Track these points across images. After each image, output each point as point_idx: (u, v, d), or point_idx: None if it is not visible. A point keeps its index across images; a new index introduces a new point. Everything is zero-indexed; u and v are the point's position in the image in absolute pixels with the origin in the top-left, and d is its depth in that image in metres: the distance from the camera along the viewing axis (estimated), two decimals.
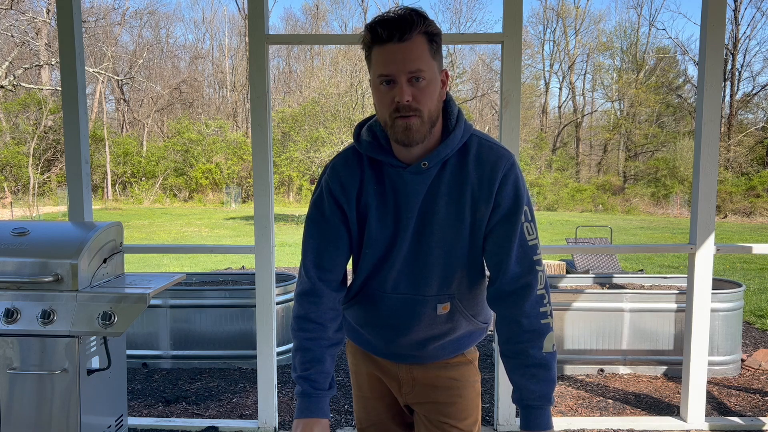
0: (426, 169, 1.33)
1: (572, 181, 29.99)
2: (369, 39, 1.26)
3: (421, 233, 1.37)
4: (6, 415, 2.27)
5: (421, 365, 1.53)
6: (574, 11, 33.93)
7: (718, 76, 3.05)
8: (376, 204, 1.38)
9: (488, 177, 1.33)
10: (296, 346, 1.41)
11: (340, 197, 1.40)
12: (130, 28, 33.98)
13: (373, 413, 1.64)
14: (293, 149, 22.54)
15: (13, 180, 24.75)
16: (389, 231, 1.39)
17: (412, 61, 1.23)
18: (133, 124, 32.89)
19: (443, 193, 1.35)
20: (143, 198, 27.19)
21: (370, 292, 1.46)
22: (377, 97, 1.30)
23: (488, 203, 1.34)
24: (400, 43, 1.22)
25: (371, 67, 1.30)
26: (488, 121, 32.10)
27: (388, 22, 1.23)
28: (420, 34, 1.23)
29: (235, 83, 35.49)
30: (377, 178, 1.38)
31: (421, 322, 1.44)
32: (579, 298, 4.22)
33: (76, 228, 2.50)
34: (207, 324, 4.37)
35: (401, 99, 1.24)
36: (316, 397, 1.37)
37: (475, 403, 1.55)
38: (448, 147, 1.33)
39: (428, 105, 1.27)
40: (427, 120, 1.28)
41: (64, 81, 3.02)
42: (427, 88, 1.26)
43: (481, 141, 1.38)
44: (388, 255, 1.40)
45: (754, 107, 30.95)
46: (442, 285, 1.41)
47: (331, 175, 1.41)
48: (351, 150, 1.43)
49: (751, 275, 9.25)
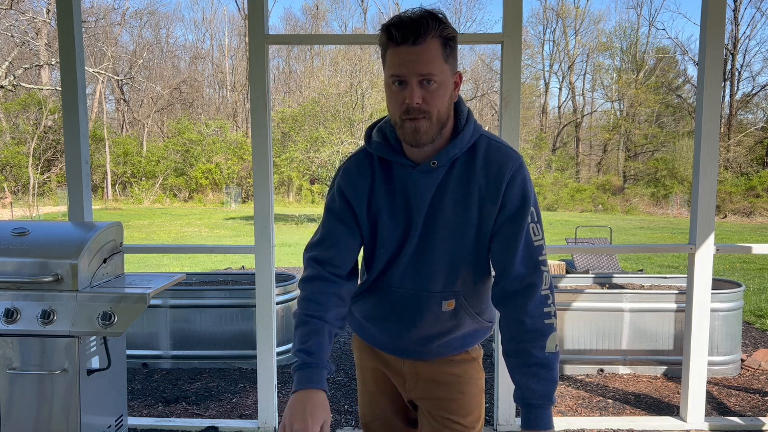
0: (435, 168, 1.36)
1: (572, 181, 29.99)
2: (384, 39, 1.28)
3: (428, 230, 1.39)
4: (6, 415, 2.27)
5: (425, 361, 1.54)
6: (574, 11, 33.94)
7: (718, 76, 3.05)
8: (387, 204, 1.41)
9: (496, 177, 1.35)
10: (296, 323, 1.41)
11: (352, 198, 1.43)
12: (130, 28, 34.00)
13: (378, 408, 1.66)
14: (293, 149, 22.52)
15: (13, 180, 24.75)
16: (400, 229, 1.41)
17: (424, 64, 1.24)
18: (133, 124, 32.89)
19: (451, 191, 1.37)
20: (143, 198, 27.19)
21: (377, 287, 1.49)
22: (389, 95, 1.32)
23: (495, 203, 1.35)
24: (413, 46, 1.24)
25: (385, 67, 1.31)
26: (488, 121, 32.09)
27: (403, 25, 1.24)
28: (434, 38, 1.24)
29: (235, 83, 35.49)
30: (387, 178, 1.41)
31: (425, 318, 1.46)
32: (579, 298, 4.22)
33: (76, 228, 2.50)
34: (207, 324, 4.37)
35: (411, 101, 1.26)
36: (316, 367, 1.33)
37: (477, 400, 1.56)
38: (457, 146, 1.35)
39: (438, 107, 1.28)
40: (436, 122, 1.30)
41: (64, 81, 3.02)
42: (437, 91, 1.27)
43: (490, 141, 1.40)
44: (399, 252, 1.43)
45: (754, 107, 30.97)
46: (447, 282, 1.42)
47: (344, 177, 1.45)
48: (363, 152, 1.46)
49: (750, 275, 9.25)
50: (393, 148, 1.39)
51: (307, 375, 1.32)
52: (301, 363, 1.34)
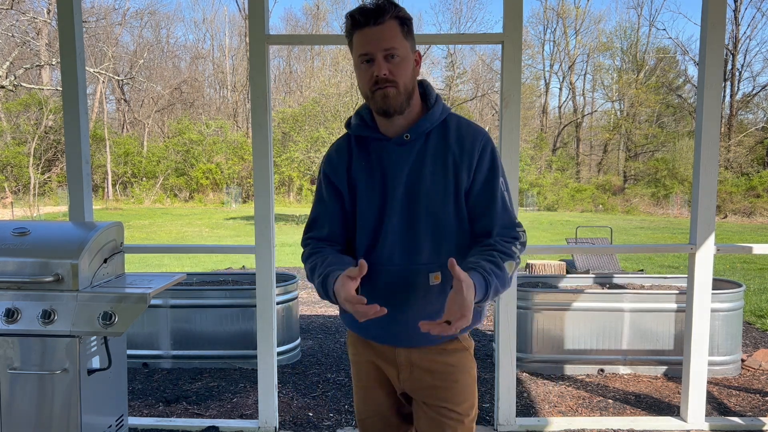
0: (408, 141, 1.51)
1: (572, 181, 29.98)
2: (350, 25, 1.47)
3: (410, 202, 1.51)
4: (6, 415, 2.27)
5: (418, 349, 1.57)
6: (574, 11, 33.93)
7: (718, 76, 3.05)
8: (365, 177, 1.55)
9: (469, 147, 1.51)
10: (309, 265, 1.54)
11: (334, 177, 1.59)
12: (130, 29, 34.03)
13: (372, 403, 1.68)
14: (293, 149, 22.52)
15: (13, 180, 24.77)
16: (377, 203, 1.53)
17: (386, 40, 1.43)
18: (133, 124, 32.91)
19: (428, 163, 1.51)
20: (144, 198, 27.21)
21: (368, 269, 1.49)
22: (359, 75, 1.49)
23: (469, 171, 1.50)
24: (375, 26, 1.43)
25: (353, 51, 1.49)
26: (488, 121, 32.09)
27: (365, 10, 1.44)
28: (392, 18, 1.44)
29: (235, 83, 35.50)
30: (364, 153, 1.56)
31: (416, 295, 1.51)
32: (579, 298, 4.22)
33: (76, 228, 2.50)
34: (207, 324, 4.37)
35: (378, 72, 1.43)
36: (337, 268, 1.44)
37: (471, 389, 1.60)
38: (428, 121, 1.52)
39: (403, 78, 1.45)
40: (403, 91, 1.46)
41: (64, 81, 3.03)
42: (401, 64, 1.45)
43: (459, 119, 1.57)
44: (380, 227, 1.53)
45: (754, 107, 30.97)
46: (433, 253, 1.51)
47: (326, 162, 1.63)
48: (342, 137, 1.64)
49: (751, 275, 9.25)
50: (368, 125, 1.56)
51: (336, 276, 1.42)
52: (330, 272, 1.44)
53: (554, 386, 3.98)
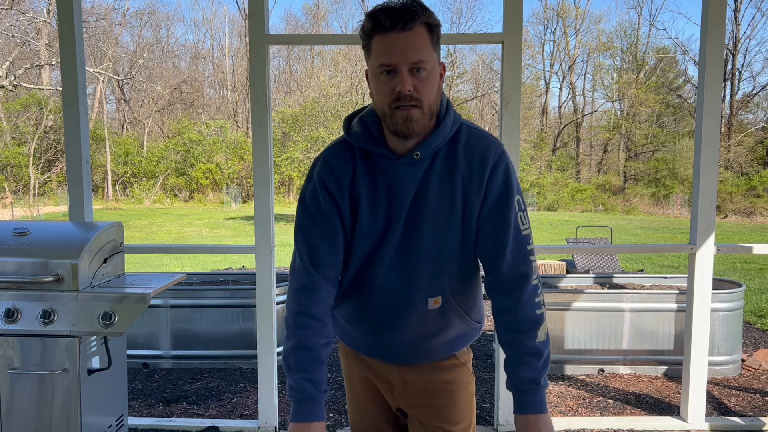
0: (418, 159, 1.31)
1: (572, 181, 29.98)
2: (370, 27, 1.24)
3: (413, 224, 1.34)
4: (6, 415, 2.27)
5: (412, 367, 1.49)
6: (574, 11, 33.93)
7: (719, 76, 3.05)
8: (368, 196, 1.35)
9: (479, 166, 1.32)
10: (295, 344, 1.33)
11: (334, 190, 1.36)
12: (130, 29, 34.03)
13: (367, 417, 1.62)
14: (293, 149, 22.51)
15: (13, 180, 24.77)
16: (381, 224, 1.35)
17: (415, 50, 1.21)
18: (133, 124, 32.90)
19: (434, 183, 1.33)
20: (144, 198, 27.20)
21: (360, 287, 1.42)
22: (376, 86, 1.27)
23: (479, 192, 1.32)
24: (402, 32, 1.20)
25: (370, 57, 1.27)
26: (488, 121, 32.10)
27: (391, 11, 1.21)
28: (422, 24, 1.22)
29: (235, 83, 35.49)
30: (369, 170, 1.35)
31: (412, 317, 1.40)
32: (579, 298, 4.22)
33: (76, 228, 2.50)
34: (207, 324, 4.37)
35: (402, 89, 1.22)
36: (318, 399, 1.32)
37: (468, 406, 1.52)
38: (440, 136, 1.32)
39: (428, 96, 1.25)
40: (427, 112, 1.26)
41: (64, 81, 3.02)
42: (428, 80, 1.24)
43: (470, 130, 1.37)
44: (379, 247, 1.37)
45: (755, 107, 30.98)
46: (433, 277, 1.37)
47: (323, 168, 1.38)
48: (342, 142, 1.39)
49: (751, 275, 9.25)
50: (375, 139, 1.34)
51: (310, 408, 1.31)
52: (304, 394, 1.32)
53: (554, 386, 3.98)
